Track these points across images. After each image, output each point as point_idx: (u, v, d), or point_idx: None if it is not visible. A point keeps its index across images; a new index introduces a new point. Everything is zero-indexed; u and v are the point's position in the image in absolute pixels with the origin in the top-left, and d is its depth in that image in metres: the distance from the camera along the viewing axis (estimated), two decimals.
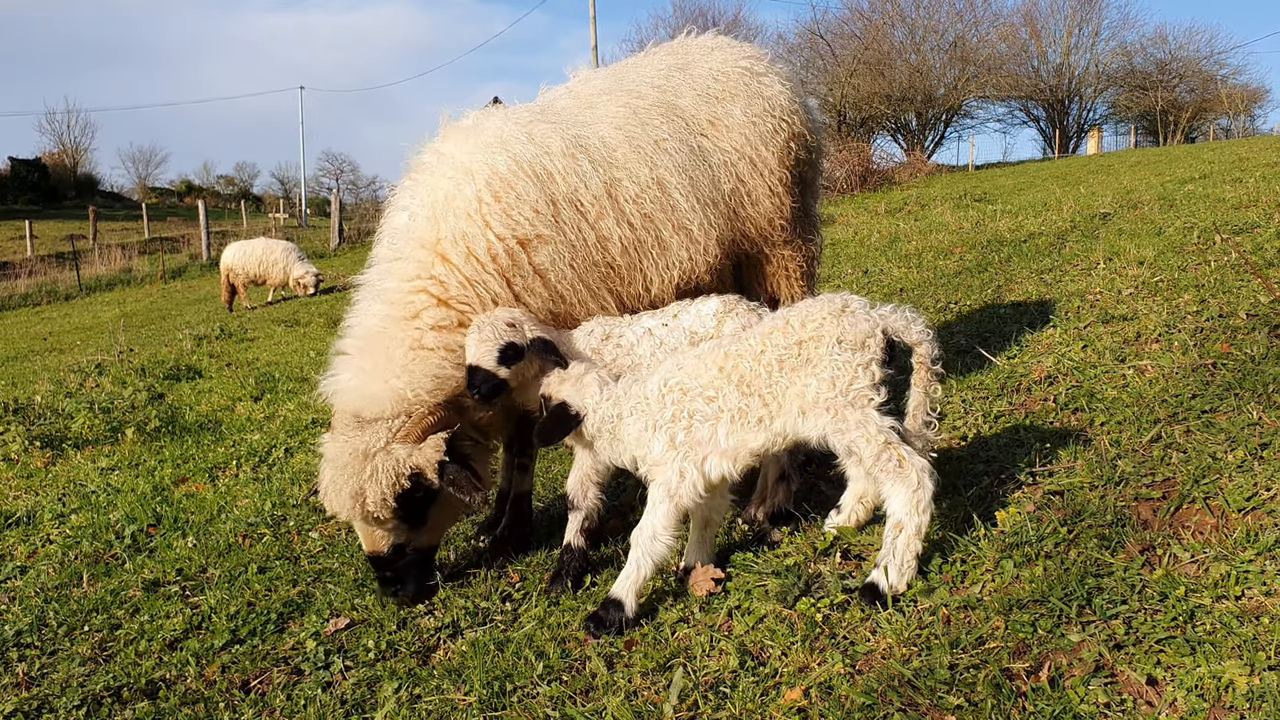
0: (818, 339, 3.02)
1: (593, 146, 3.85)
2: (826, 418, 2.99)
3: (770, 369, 3.05)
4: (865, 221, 15.27)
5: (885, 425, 2.98)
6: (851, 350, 2.98)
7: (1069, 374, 4.64)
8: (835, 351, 2.98)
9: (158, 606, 4.20)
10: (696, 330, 3.58)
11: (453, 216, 3.63)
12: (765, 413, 3.07)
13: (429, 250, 3.63)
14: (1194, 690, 2.27)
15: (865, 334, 3.01)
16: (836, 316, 3.04)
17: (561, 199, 3.72)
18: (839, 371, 2.97)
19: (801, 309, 3.13)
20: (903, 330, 3.07)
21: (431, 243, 3.64)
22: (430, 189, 3.74)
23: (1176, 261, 6.38)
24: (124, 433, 7.71)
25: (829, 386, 2.98)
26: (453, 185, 3.68)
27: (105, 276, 28.90)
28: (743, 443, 3.10)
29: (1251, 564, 2.64)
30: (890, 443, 2.96)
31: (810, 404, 3.01)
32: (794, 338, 3.05)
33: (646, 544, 3.14)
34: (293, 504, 5.47)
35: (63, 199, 56.19)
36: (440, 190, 3.70)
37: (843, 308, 3.06)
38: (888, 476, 2.96)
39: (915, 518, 2.94)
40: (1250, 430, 3.38)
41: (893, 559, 2.95)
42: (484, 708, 2.91)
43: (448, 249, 3.62)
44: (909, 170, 29.17)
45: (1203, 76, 48.54)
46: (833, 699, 2.55)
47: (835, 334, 3.00)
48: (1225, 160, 15.72)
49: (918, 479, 2.94)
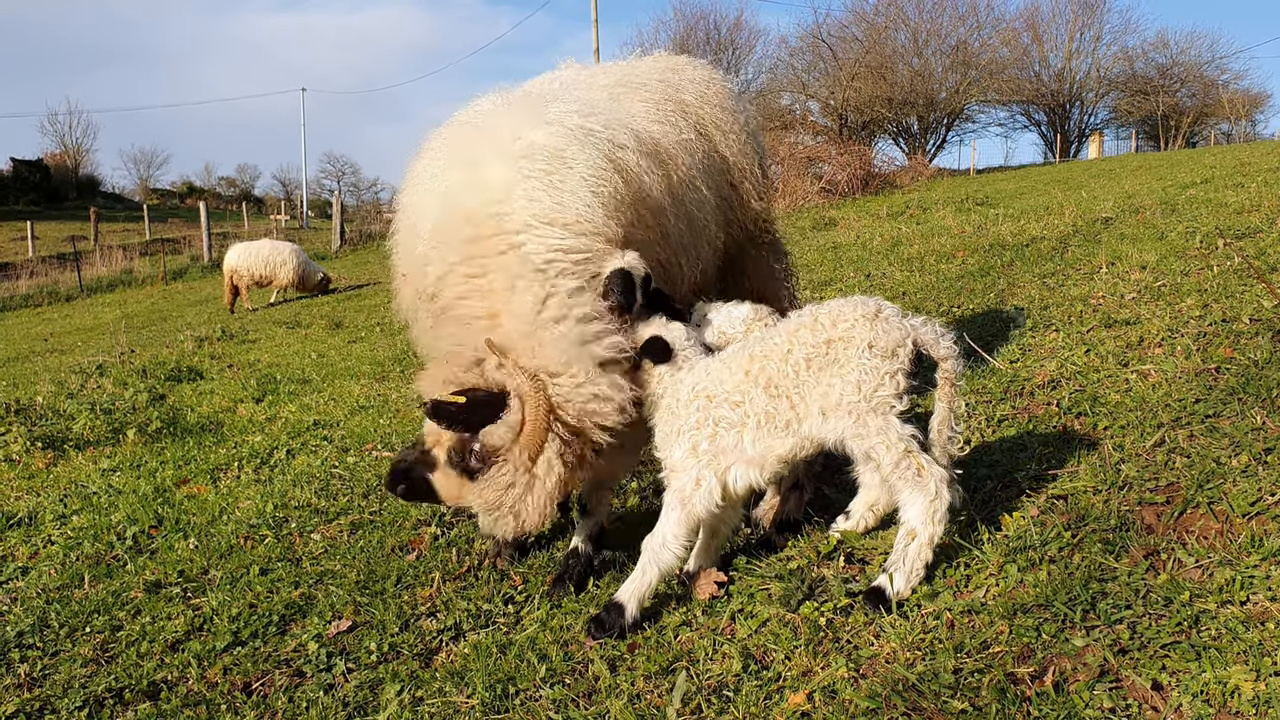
0: (848, 340, 2.96)
1: (646, 142, 3.72)
2: (848, 421, 2.94)
3: (798, 368, 2.99)
4: (867, 225, 15.27)
5: (906, 433, 2.93)
6: (881, 357, 2.93)
7: (1072, 378, 4.64)
8: (865, 356, 2.93)
9: (159, 608, 4.20)
10: (725, 331, 3.52)
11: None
12: (793, 415, 3.01)
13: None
14: (1199, 696, 2.27)
15: (896, 342, 2.96)
16: (870, 320, 2.98)
17: (640, 197, 3.55)
18: (866, 376, 2.92)
19: (832, 308, 3.06)
20: (931, 344, 3.02)
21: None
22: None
23: (1179, 266, 6.38)
24: (125, 434, 7.71)
25: (854, 390, 2.92)
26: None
27: (106, 277, 28.91)
28: (770, 449, 3.04)
29: (1256, 569, 2.64)
30: (910, 451, 2.92)
31: (833, 406, 2.95)
32: (823, 336, 2.99)
33: (655, 551, 3.11)
34: (295, 506, 5.47)
35: (64, 200, 56.23)
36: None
37: (876, 312, 3.01)
38: (906, 484, 2.93)
39: (929, 527, 2.91)
40: (1254, 435, 3.37)
41: (901, 566, 2.93)
42: (486, 710, 2.90)
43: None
44: (910, 174, 29.21)
45: (1204, 81, 48.55)
46: (836, 703, 2.55)
47: (867, 338, 2.94)
48: (1227, 165, 15.72)
49: (936, 489, 2.91)
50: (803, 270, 10.96)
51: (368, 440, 6.84)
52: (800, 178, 24.91)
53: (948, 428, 3.04)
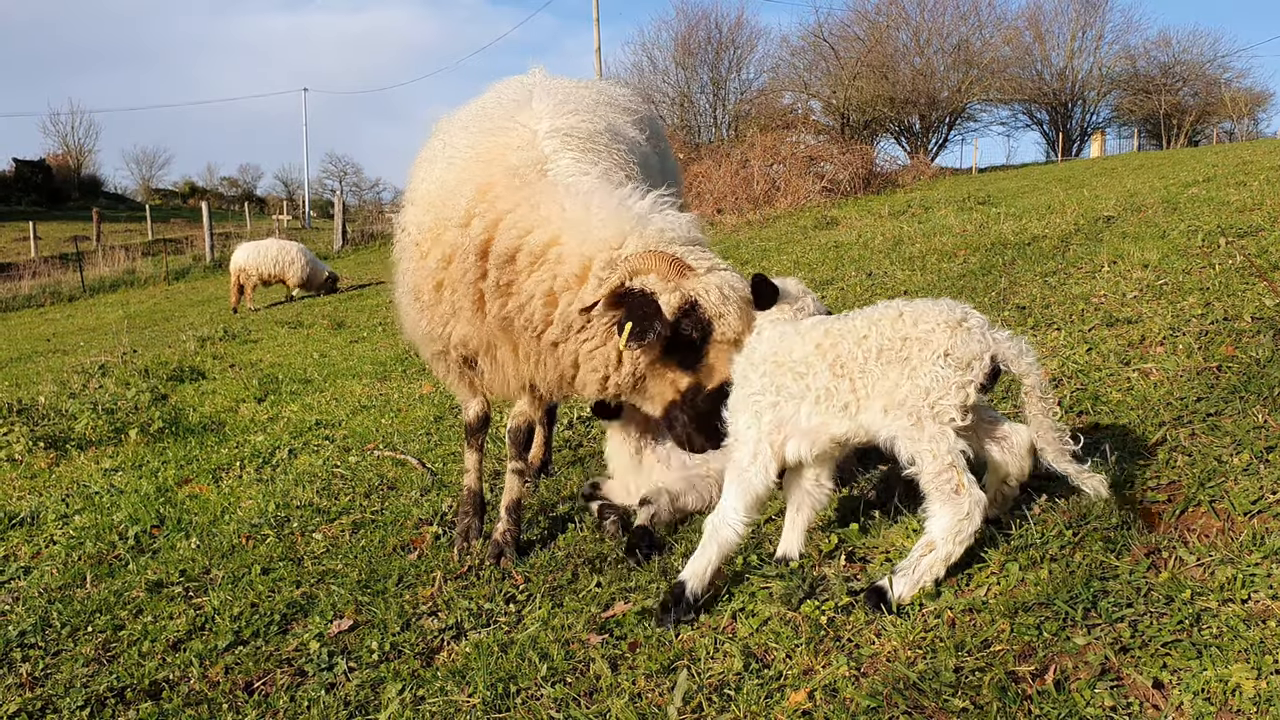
0: (924, 343, 2.90)
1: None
2: (906, 422, 2.88)
3: (869, 355, 2.95)
4: (869, 224, 15.27)
5: (957, 448, 2.87)
6: (955, 367, 2.86)
7: (1073, 377, 4.64)
8: (940, 363, 2.86)
9: (161, 607, 4.20)
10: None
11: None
12: (852, 399, 2.97)
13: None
14: (1200, 694, 2.26)
15: (974, 355, 2.88)
16: (952, 328, 2.92)
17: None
18: (936, 383, 2.85)
19: (919, 307, 3.01)
20: (1013, 360, 2.93)
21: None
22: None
23: (1181, 264, 6.37)
24: (127, 434, 7.72)
25: (921, 394, 2.86)
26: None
27: (109, 278, 28.94)
28: (824, 425, 3.01)
29: (1258, 567, 2.63)
30: (955, 465, 2.85)
31: (896, 404, 2.90)
32: (901, 332, 2.93)
33: (714, 527, 3.10)
34: (296, 505, 5.47)
35: (66, 200, 56.28)
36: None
37: (960, 320, 2.94)
38: (940, 497, 2.87)
39: (949, 545, 2.86)
40: (1256, 433, 3.37)
41: (910, 573, 2.89)
42: (488, 709, 2.91)
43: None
44: (912, 173, 29.20)
45: (1206, 80, 48.47)
46: (837, 701, 2.55)
47: (945, 345, 2.88)
48: (1229, 164, 15.70)
49: (969, 509, 2.83)
50: (804, 269, 10.96)
51: (369, 440, 6.85)
52: (802, 177, 24.91)
53: (1051, 433, 2.92)
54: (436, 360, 4.17)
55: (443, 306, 3.82)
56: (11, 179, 55.30)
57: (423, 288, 3.87)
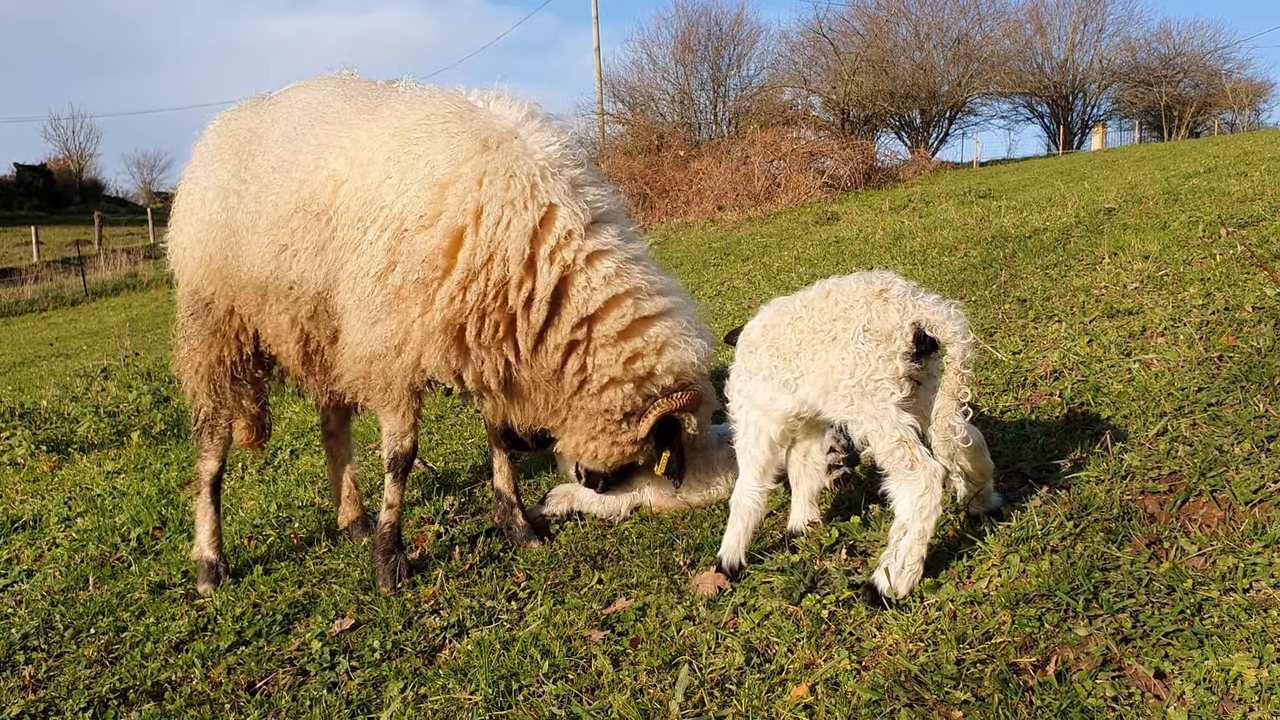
0: (846, 320, 2.89)
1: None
2: (844, 404, 2.91)
3: (801, 337, 2.99)
4: (870, 219, 15.24)
5: (903, 422, 2.83)
6: (875, 340, 2.83)
7: (1074, 368, 4.62)
8: (860, 339, 2.84)
9: (163, 609, 4.21)
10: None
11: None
12: (790, 378, 3.05)
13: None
14: (1202, 683, 2.26)
15: (894, 325, 2.83)
16: (868, 302, 2.88)
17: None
18: (860, 359, 2.83)
19: (844, 285, 2.99)
20: (938, 325, 2.83)
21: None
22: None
23: (1182, 255, 6.35)
24: (129, 436, 7.74)
25: (848, 374, 2.86)
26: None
27: (111, 281, 29.00)
28: (774, 401, 3.13)
29: (1259, 556, 2.63)
30: (905, 440, 2.81)
31: (832, 386, 2.92)
32: (829, 313, 2.94)
33: (735, 501, 3.29)
34: (298, 505, 5.48)
35: (68, 204, 56.28)
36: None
37: (879, 292, 2.90)
38: (897, 475, 2.84)
39: (919, 523, 2.81)
40: (1257, 423, 3.36)
41: (894, 560, 2.86)
42: (489, 706, 2.90)
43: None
44: (913, 167, 29.13)
45: (1207, 71, 48.38)
46: (839, 695, 2.54)
47: (862, 321, 2.86)
48: (1230, 154, 15.66)
49: (926, 482, 2.79)
50: (805, 265, 10.95)
51: (370, 440, 6.85)
52: (802, 173, 24.85)
53: (947, 418, 2.83)
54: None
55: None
56: (13, 184, 55.32)
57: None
